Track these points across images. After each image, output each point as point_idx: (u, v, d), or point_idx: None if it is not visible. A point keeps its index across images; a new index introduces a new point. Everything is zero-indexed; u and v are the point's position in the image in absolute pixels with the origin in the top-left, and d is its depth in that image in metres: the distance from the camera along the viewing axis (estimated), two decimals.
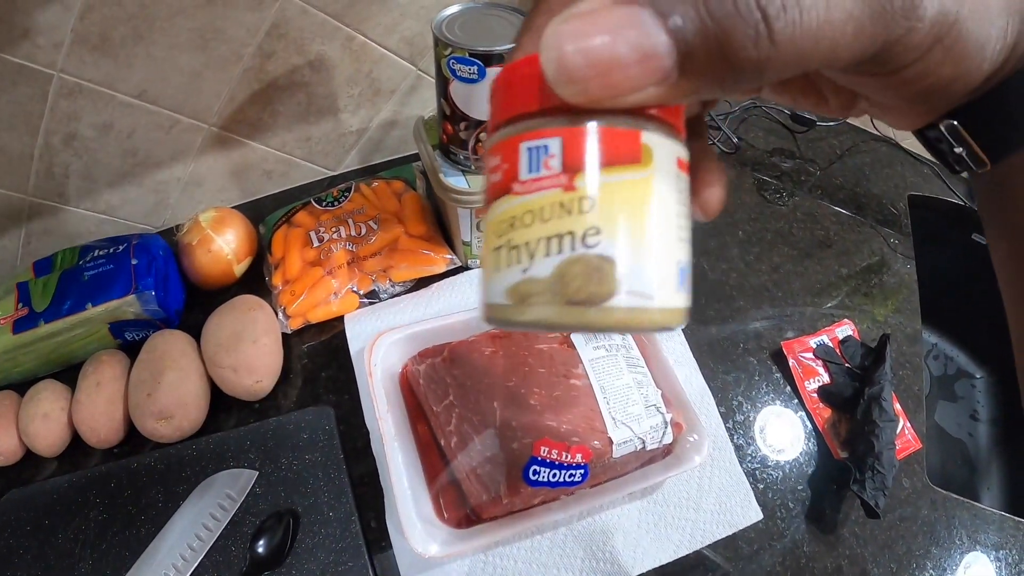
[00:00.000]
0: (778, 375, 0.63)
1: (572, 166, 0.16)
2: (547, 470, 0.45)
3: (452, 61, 0.49)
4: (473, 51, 0.48)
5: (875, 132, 0.93)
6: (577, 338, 0.50)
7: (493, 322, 0.18)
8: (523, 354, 0.49)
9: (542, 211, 0.16)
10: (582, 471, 0.46)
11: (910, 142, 0.92)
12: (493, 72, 0.49)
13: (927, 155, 0.94)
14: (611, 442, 0.46)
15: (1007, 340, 0.31)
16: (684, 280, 0.17)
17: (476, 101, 0.51)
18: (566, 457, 0.45)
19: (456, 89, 0.51)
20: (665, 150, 0.17)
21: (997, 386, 0.94)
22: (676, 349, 0.62)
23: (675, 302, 0.17)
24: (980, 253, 0.90)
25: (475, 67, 0.49)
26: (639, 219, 0.16)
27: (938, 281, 0.85)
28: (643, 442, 0.47)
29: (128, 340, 0.60)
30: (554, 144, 0.16)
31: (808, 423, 0.60)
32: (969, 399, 0.94)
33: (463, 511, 0.49)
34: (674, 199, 0.17)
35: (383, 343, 0.55)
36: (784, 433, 0.59)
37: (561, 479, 0.46)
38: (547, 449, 0.45)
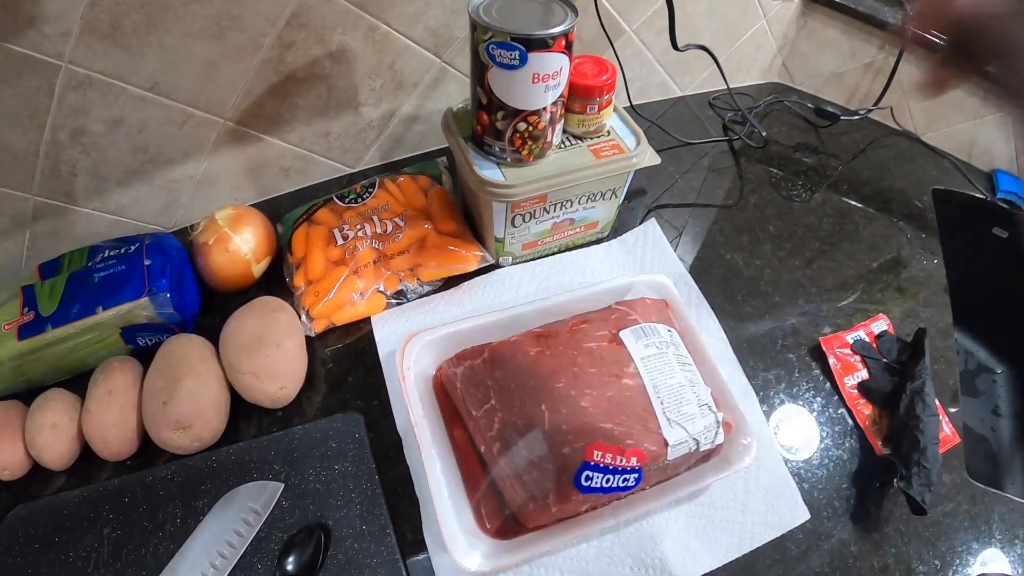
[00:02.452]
0: (817, 371, 0.62)
1: None
2: (600, 475, 0.43)
3: (492, 46, 0.47)
4: (515, 35, 0.46)
5: (896, 127, 0.93)
6: (627, 335, 0.48)
7: None
8: (572, 353, 0.47)
9: None
10: (636, 475, 0.44)
11: (930, 135, 0.92)
12: (535, 57, 0.47)
13: (948, 149, 0.93)
14: (666, 443, 0.44)
15: None
16: None
17: (516, 89, 0.49)
18: (620, 461, 0.43)
19: (495, 76, 0.49)
20: None
21: (1018, 380, 0.93)
22: (718, 347, 0.60)
23: None
24: (1000, 247, 0.89)
25: (517, 52, 0.47)
26: None
27: (959, 274, 0.84)
28: (697, 443, 0.45)
29: (141, 346, 0.57)
30: None
31: (849, 420, 0.59)
32: (991, 394, 0.94)
33: (503, 520, 0.47)
34: None
35: (416, 345, 0.52)
36: (826, 431, 0.58)
37: (614, 484, 0.44)
38: (600, 453, 0.43)
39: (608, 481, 0.43)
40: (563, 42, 0.48)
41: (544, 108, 0.51)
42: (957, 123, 0.89)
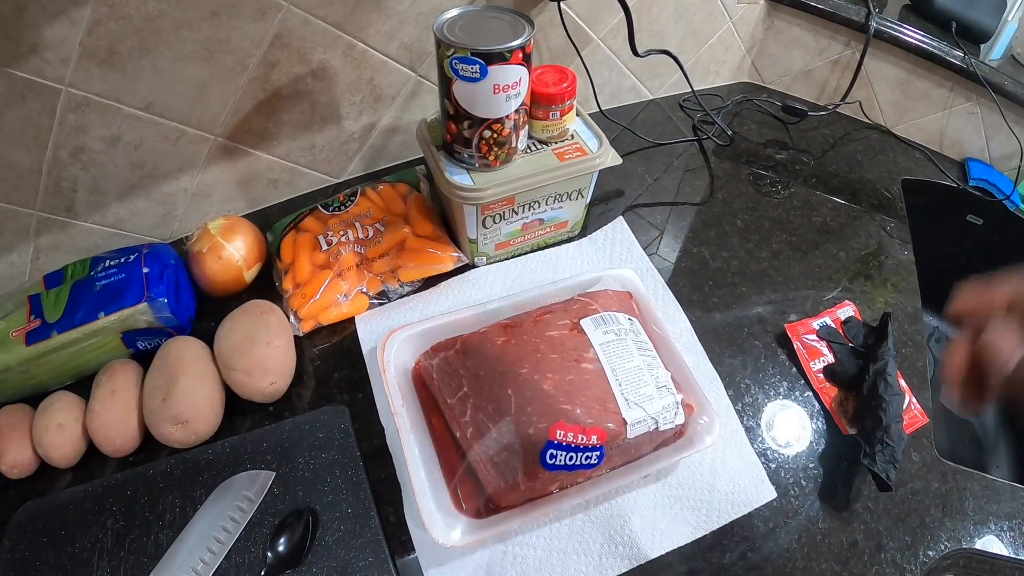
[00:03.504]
0: (783, 357, 0.64)
1: None
2: (564, 453, 0.46)
3: (455, 61, 0.50)
4: (475, 50, 0.49)
5: (866, 120, 0.95)
6: (587, 323, 0.51)
7: None
8: (535, 341, 0.50)
9: None
10: (598, 453, 0.46)
11: (901, 127, 0.94)
12: (494, 70, 0.51)
13: (919, 140, 0.95)
14: (625, 423, 0.47)
15: None
16: None
17: (478, 100, 0.53)
18: (582, 439, 0.46)
19: (459, 88, 0.52)
20: None
21: None
22: (683, 335, 0.63)
23: None
24: (976, 234, 0.91)
25: (477, 66, 0.50)
26: None
27: (936, 264, 0.86)
28: (656, 422, 0.48)
29: (140, 349, 0.60)
30: None
31: (816, 402, 0.61)
32: None
33: (480, 501, 0.50)
34: None
35: (395, 340, 0.56)
36: (792, 413, 0.60)
37: (578, 462, 0.46)
38: (563, 432, 0.45)
39: (572, 459, 0.46)
40: (520, 55, 0.51)
41: (507, 116, 0.55)
42: (927, 114, 0.91)
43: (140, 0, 0.53)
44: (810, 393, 0.62)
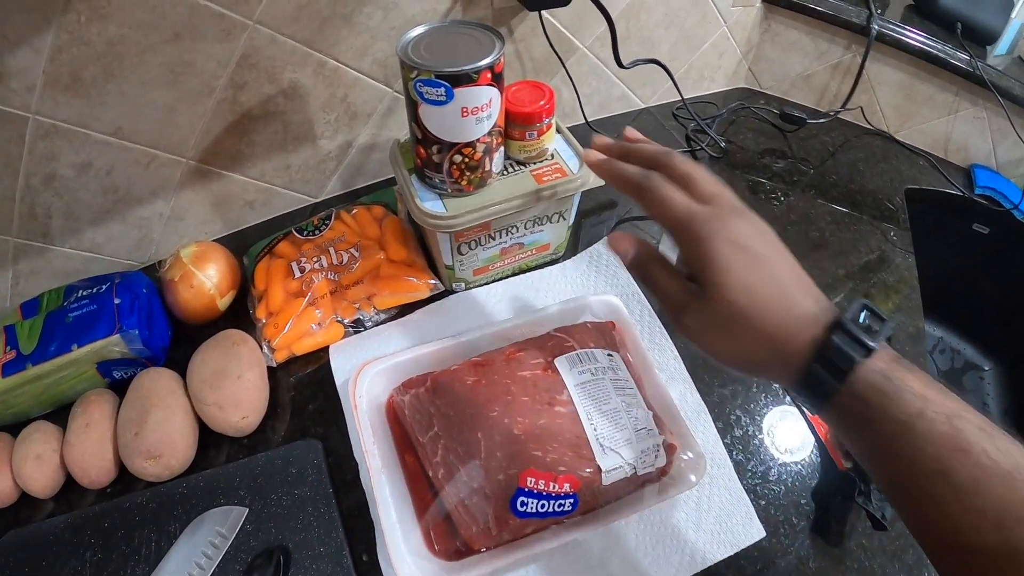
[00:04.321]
0: (777, 386, 0.62)
1: None
2: (535, 501, 0.44)
3: (419, 84, 0.48)
4: (439, 72, 0.47)
5: (868, 126, 0.91)
6: (561, 362, 0.49)
7: None
8: (506, 382, 0.48)
9: None
10: (571, 500, 0.45)
11: (904, 133, 0.90)
12: (461, 92, 0.48)
13: (922, 146, 0.92)
14: (600, 470, 0.45)
15: (1013, 329, 0.35)
16: None
17: (447, 123, 0.50)
18: (553, 487, 0.44)
19: (425, 112, 0.50)
20: None
21: (1006, 376, 0.92)
22: (669, 365, 0.60)
23: None
24: (981, 243, 0.88)
25: (443, 88, 0.48)
26: None
27: (941, 273, 0.83)
28: (634, 468, 0.46)
29: (117, 378, 0.59)
30: None
31: (810, 434, 0.58)
32: (978, 391, 0.92)
33: (454, 543, 0.48)
34: None
35: (367, 374, 0.54)
36: (785, 446, 0.58)
37: (550, 509, 0.44)
38: (533, 480, 0.44)
39: (543, 507, 0.44)
40: (489, 75, 0.49)
41: (478, 140, 0.52)
42: (931, 119, 0.87)
43: (100, 25, 0.52)
44: (804, 425, 0.59)
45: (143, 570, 0.49)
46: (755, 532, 0.52)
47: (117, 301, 0.59)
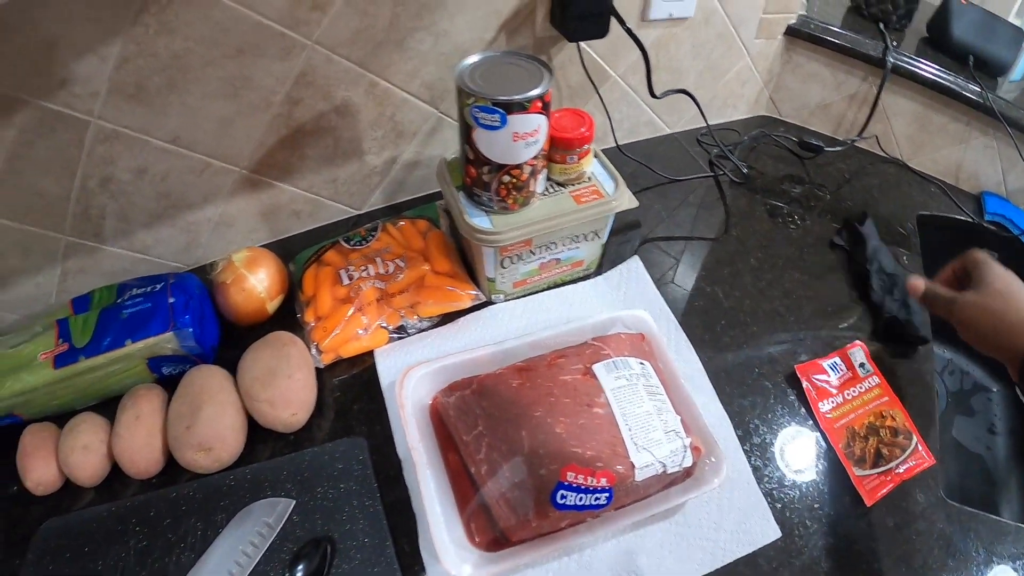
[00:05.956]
0: (792, 398, 0.65)
1: None
2: (574, 494, 0.47)
3: (475, 110, 0.52)
4: (495, 100, 0.51)
5: (883, 154, 0.95)
6: (599, 368, 0.53)
7: None
8: (548, 385, 0.52)
9: None
10: (607, 494, 0.48)
11: (917, 161, 0.94)
12: (514, 119, 0.52)
13: (934, 174, 0.97)
14: (633, 466, 0.48)
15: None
16: None
17: (498, 146, 0.54)
18: (591, 482, 0.47)
19: (479, 136, 0.54)
20: None
21: (1013, 398, 0.94)
22: (694, 376, 0.64)
23: None
24: None
25: (497, 115, 0.51)
26: None
27: None
28: (664, 466, 0.49)
29: (165, 375, 0.62)
30: None
31: (823, 443, 0.61)
32: (986, 413, 0.94)
33: (493, 535, 0.51)
34: None
35: (413, 376, 0.57)
36: (800, 454, 0.61)
37: (587, 503, 0.48)
38: (573, 474, 0.47)
39: (581, 500, 0.47)
40: (539, 104, 0.53)
41: (526, 162, 0.56)
42: (943, 148, 0.91)
43: (168, 39, 0.54)
44: (818, 434, 0.62)
45: (188, 558, 0.51)
46: (771, 532, 0.55)
47: (171, 300, 0.61)
